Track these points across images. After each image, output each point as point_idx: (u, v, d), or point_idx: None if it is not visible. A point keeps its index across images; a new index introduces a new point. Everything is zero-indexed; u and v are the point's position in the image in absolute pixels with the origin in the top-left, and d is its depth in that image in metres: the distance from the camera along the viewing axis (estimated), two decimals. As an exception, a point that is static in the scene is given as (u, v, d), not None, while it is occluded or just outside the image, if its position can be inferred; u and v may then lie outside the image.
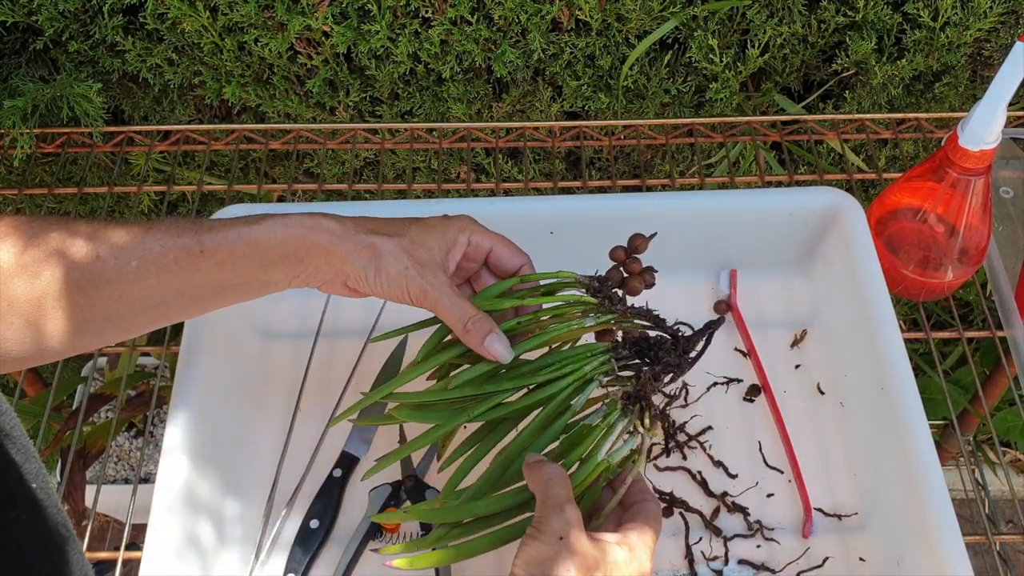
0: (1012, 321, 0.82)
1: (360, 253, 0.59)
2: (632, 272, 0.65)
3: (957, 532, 0.64)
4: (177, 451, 0.69)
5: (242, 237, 0.57)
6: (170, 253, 0.56)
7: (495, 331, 0.60)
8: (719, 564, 0.71)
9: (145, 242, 0.56)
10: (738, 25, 0.99)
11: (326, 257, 0.59)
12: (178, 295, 0.58)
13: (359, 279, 0.59)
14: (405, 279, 0.59)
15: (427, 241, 0.60)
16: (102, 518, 1.34)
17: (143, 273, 0.56)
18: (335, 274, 0.60)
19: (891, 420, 0.70)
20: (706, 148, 1.09)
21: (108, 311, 0.56)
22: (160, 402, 0.96)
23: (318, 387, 0.80)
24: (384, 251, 0.59)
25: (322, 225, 0.59)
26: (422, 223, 0.62)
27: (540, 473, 0.55)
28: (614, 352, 0.62)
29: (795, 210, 0.82)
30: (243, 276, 0.59)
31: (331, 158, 1.13)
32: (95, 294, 0.55)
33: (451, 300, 0.59)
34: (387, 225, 0.61)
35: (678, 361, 0.62)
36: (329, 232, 0.59)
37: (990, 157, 0.75)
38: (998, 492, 1.47)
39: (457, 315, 0.59)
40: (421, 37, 0.98)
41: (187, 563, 0.66)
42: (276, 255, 0.58)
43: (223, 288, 0.59)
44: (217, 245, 0.57)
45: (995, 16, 0.95)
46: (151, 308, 0.58)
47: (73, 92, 0.96)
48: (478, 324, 0.59)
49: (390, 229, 0.60)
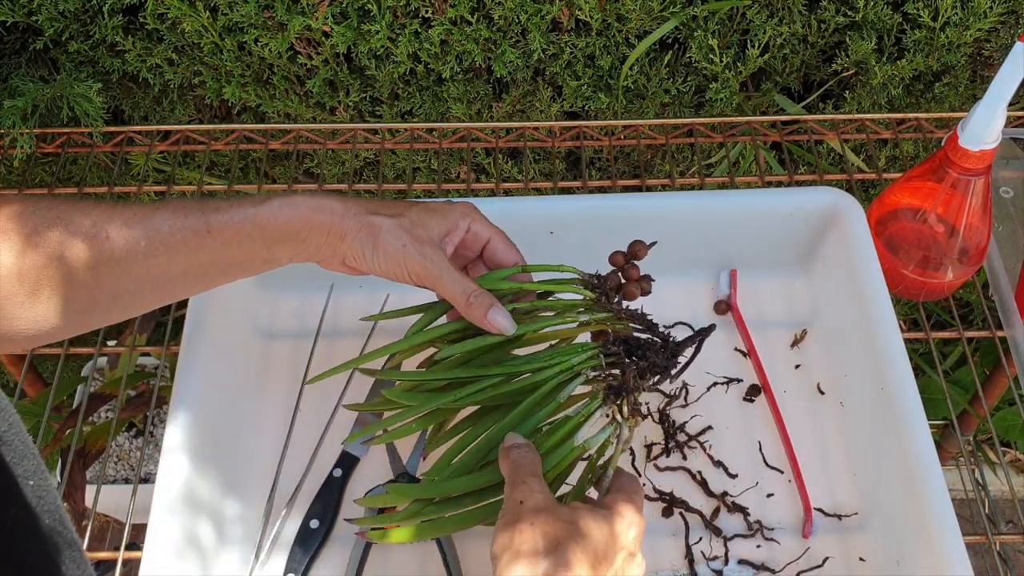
0: (1012, 321, 0.82)
1: (359, 232, 0.60)
2: (630, 278, 0.66)
3: (957, 532, 0.64)
4: (177, 451, 0.69)
5: (248, 217, 0.59)
6: (178, 233, 0.57)
7: (497, 304, 0.61)
8: (719, 564, 0.71)
9: (153, 222, 0.57)
10: (738, 25, 0.99)
11: (327, 236, 0.60)
12: (184, 273, 0.59)
13: (357, 256, 0.61)
14: (403, 256, 0.60)
15: (427, 221, 0.61)
16: (102, 518, 1.34)
17: (151, 253, 0.57)
18: (334, 252, 0.61)
19: (891, 420, 0.70)
20: (706, 148, 1.09)
21: (117, 290, 0.57)
22: (160, 402, 0.96)
23: (318, 387, 0.80)
24: (383, 229, 0.60)
25: (324, 205, 0.60)
26: (424, 205, 0.63)
27: (509, 454, 0.57)
28: (603, 348, 0.63)
29: (795, 210, 0.82)
30: (248, 254, 0.60)
31: (331, 158, 1.13)
32: (105, 273, 0.56)
33: (452, 275, 0.60)
34: (388, 206, 0.62)
35: (665, 364, 0.63)
36: (331, 211, 0.60)
37: (990, 157, 0.75)
38: (998, 492, 1.47)
39: (459, 289, 0.60)
40: (421, 37, 0.98)
41: (187, 563, 0.66)
42: (280, 235, 0.59)
43: (229, 266, 0.61)
44: (224, 225, 0.58)
45: (995, 16, 0.95)
46: (159, 286, 0.59)
47: (73, 92, 0.96)
48: (480, 297, 0.60)
49: (391, 210, 0.61)
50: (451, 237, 0.63)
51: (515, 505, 0.53)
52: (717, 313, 0.84)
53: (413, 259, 0.60)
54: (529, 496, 0.53)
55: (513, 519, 0.52)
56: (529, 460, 0.56)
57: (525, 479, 0.54)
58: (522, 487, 0.54)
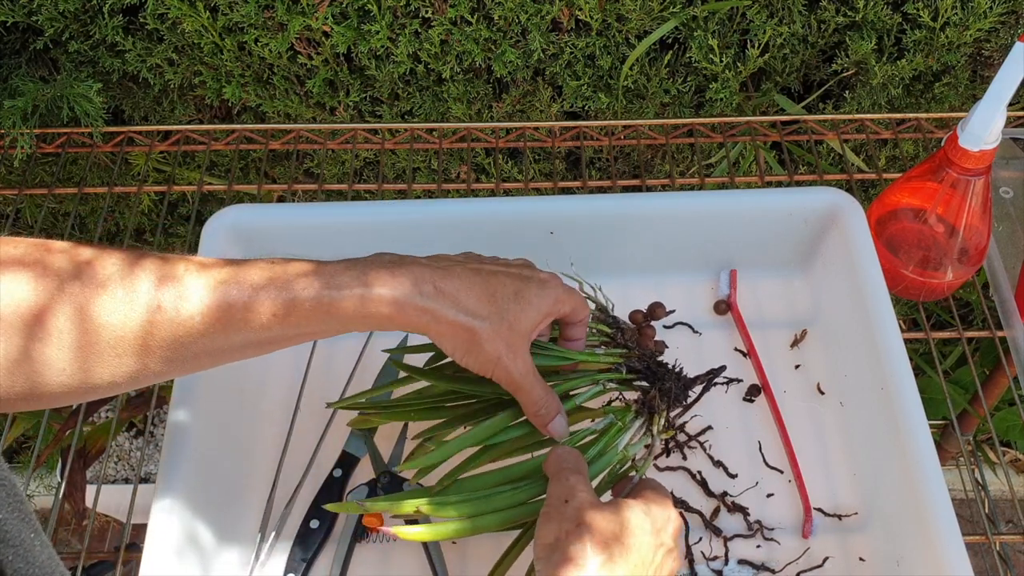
0: (1012, 321, 0.82)
1: (456, 333, 0.56)
2: (645, 336, 0.69)
3: (957, 532, 0.64)
4: (177, 451, 0.69)
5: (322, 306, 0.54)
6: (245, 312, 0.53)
7: (561, 412, 0.61)
8: (719, 564, 0.71)
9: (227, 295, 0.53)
10: (738, 25, 0.99)
11: (415, 330, 0.57)
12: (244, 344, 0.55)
13: (446, 350, 0.58)
14: (495, 366, 0.57)
15: (523, 322, 0.58)
16: (102, 518, 1.34)
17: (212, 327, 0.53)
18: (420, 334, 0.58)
19: (891, 420, 0.70)
20: (706, 148, 1.09)
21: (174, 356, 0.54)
22: (160, 402, 0.96)
23: (318, 387, 0.80)
24: (483, 338, 0.56)
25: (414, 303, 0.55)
26: (521, 300, 0.58)
27: (553, 455, 0.57)
28: (627, 362, 0.66)
29: (795, 210, 0.82)
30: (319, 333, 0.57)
31: (331, 158, 1.13)
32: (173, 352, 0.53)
33: (531, 386, 0.59)
34: (486, 302, 0.57)
35: (677, 393, 0.65)
36: (420, 311, 0.55)
37: (990, 157, 0.75)
38: (998, 492, 1.47)
39: (534, 401, 0.60)
40: (421, 37, 0.98)
41: (187, 563, 0.66)
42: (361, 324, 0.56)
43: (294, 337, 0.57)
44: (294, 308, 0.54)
45: (995, 16, 0.95)
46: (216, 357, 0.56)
47: (73, 92, 0.96)
48: (549, 408, 0.60)
49: (488, 309, 0.56)
50: (540, 327, 0.60)
51: (560, 503, 0.52)
52: (717, 313, 0.84)
53: (503, 372, 0.58)
54: (573, 494, 0.53)
55: (559, 517, 0.52)
56: (573, 458, 0.57)
57: (569, 476, 0.54)
58: (566, 485, 0.54)
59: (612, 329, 0.68)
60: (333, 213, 0.82)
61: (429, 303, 0.55)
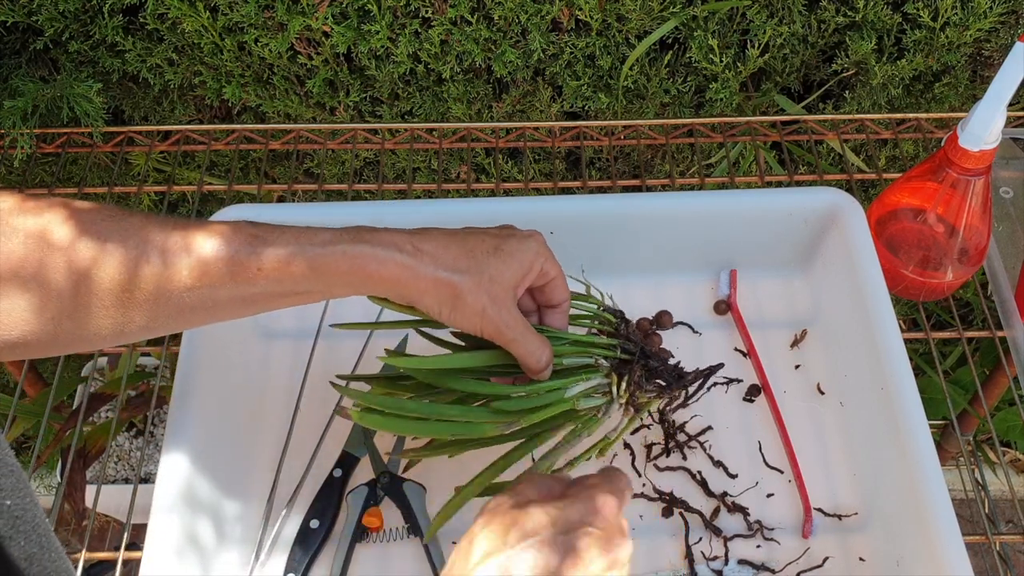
0: (1012, 321, 0.82)
1: (439, 290, 0.57)
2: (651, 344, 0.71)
3: (957, 532, 0.64)
4: (177, 451, 0.69)
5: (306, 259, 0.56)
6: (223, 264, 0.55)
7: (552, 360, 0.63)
8: (719, 564, 0.71)
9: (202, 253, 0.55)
10: (738, 25, 0.99)
11: (396, 288, 0.58)
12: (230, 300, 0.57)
13: (431, 311, 0.59)
14: (482, 319, 0.58)
15: (504, 274, 0.59)
16: (102, 518, 1.34)
17: None
18: (402, 299, 0.59)
19: (891, 420, 0.70)
20: (706, 148, 1.09)
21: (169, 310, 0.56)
22: (160, 402, 0.96)
23: (318, 387, 0.80)
24: (464, 291, 0.57)
25: (394, 258, 0.57)
26: (501, 253, 0.60)
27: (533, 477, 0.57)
28: (622, 343, 0.66)
29: (795, 210, 0.82)
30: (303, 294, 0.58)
31: (331, 158, 1.13)
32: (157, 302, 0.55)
33: (525, 338, 0.60)
34: (464, 257, 0.58)
35: (669, 380, 0.66)
36: (401, 266, 0.57)
37: (990, 157, 0.75)
38: (998, 492, 1.47)
39: (530, 352, 0.60)
40: (421, 37, 0.98)
41: (187, 563, 0.66)
42: (342, 281, 0.57)
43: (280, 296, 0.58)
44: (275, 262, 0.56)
45: (995, 16, 0.95)
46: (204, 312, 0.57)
47: (73, 92, 0.96)
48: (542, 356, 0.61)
49: (467, 263, 0.58)
50: (525, 280, 0.61)
51: None
52: (717, 313, 0.84)
53: (491, 324, 0.58)
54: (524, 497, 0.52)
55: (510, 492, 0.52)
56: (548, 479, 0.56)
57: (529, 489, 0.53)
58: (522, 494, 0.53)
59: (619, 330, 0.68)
60: (333, 213, 0.82)
61: (409, 260, 0.57)
